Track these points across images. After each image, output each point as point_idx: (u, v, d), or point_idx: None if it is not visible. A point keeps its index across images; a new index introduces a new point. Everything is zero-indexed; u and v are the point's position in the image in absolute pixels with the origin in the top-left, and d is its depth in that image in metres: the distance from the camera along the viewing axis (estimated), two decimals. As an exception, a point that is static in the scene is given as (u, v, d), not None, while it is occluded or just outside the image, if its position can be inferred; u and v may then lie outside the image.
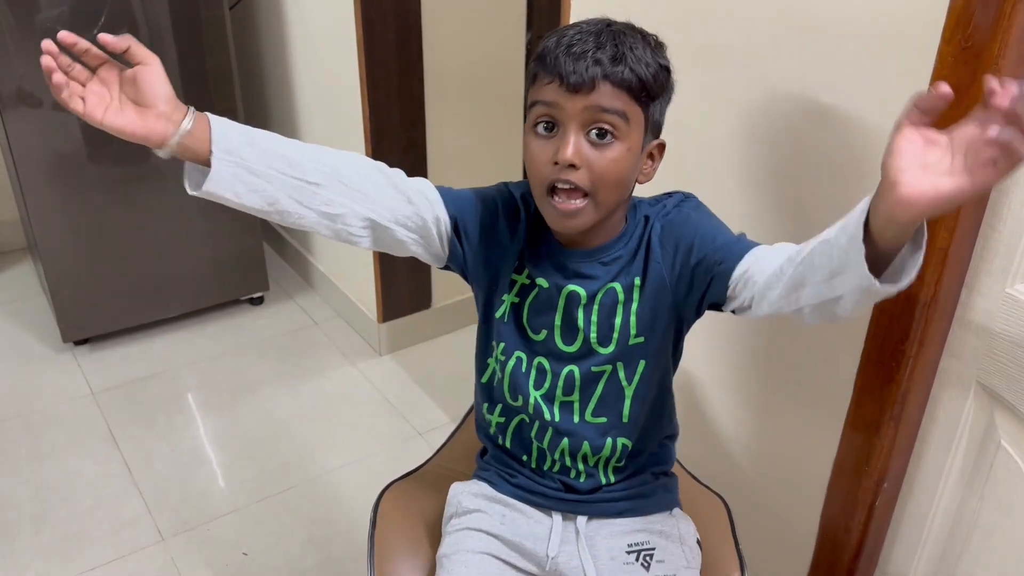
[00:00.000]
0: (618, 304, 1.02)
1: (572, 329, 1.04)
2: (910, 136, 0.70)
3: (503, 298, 1.07)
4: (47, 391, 2.30)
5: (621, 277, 1.02)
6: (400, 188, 0.99)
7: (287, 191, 0.93)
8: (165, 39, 2.23)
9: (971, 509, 1.14)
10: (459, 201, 1.04)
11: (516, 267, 1.06)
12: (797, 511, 1.36)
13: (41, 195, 2.21)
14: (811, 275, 0.84)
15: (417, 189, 1.01)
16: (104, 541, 1.83)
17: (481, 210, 1.04)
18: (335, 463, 2.07)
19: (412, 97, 2.20)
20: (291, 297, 2.79)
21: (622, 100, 0.90)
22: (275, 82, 2.64)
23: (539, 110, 0.92)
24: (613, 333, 1.03)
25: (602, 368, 1.05)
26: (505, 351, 1.08)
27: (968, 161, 0.67)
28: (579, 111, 0.90)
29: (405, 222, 0.99)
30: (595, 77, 0.88)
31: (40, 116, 2.14)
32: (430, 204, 1.01)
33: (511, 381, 1.09)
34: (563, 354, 1.05)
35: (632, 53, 0.90)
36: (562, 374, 1.06)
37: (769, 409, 1.36)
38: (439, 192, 1.03)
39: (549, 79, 0.91)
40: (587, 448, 1.08)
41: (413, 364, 2.45)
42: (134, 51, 0.87)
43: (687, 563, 1.09)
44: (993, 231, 1.02)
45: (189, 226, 2.46)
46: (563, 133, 0.91)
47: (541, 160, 0.93)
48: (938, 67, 0.96)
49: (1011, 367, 1.03)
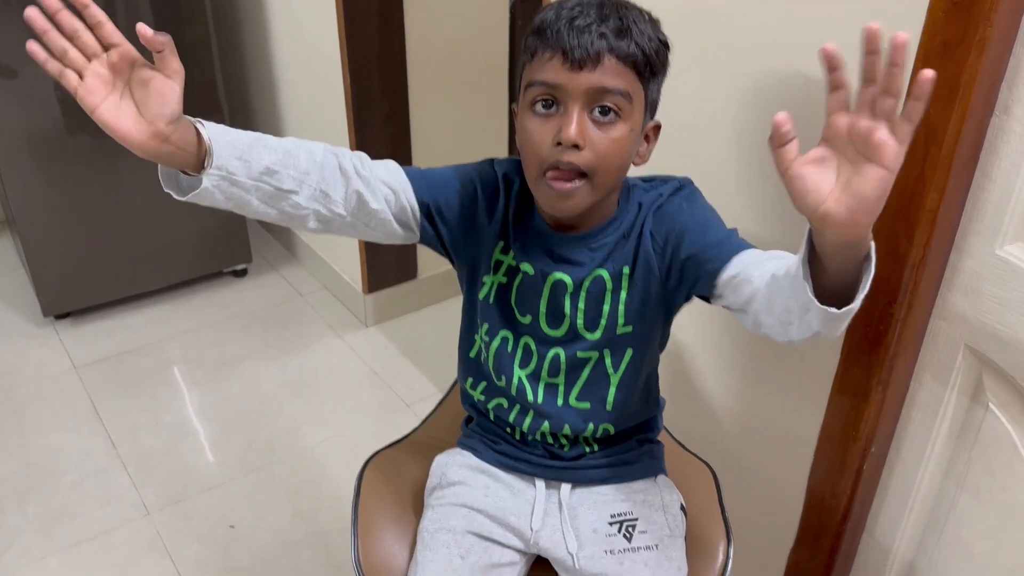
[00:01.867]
0: (606, 292, 1.00)
1: (558, 315, 1.02)
2: (799, 172, 0.68)
3: (484, 280, 1.05)
4: (29, 366, 2.28)
5: (609, 264, 0.99)
6: (358, 181, 0.94)
7: (260, 197, 0.89)
8: (142, 8, 2.18)
9: (959, 472, 1.14)
10: (432, 185, 1.00)
11: (502, 248, 1.03)
12: (785, 476, 1.36)
13: (18, 167, 2.17)
14: (776, 311, 0.82)
15: (378, 177, 0.95)
16: (89, 516, 1.82)
17: (459, 191, 1.01)
18: (322, 435, 2.06)
19: (394, 63, 2.16)
20: (275, 269, 2.76)
21: (626, 77, 0.86)
22: (254, 52, 2.59)
23: (538, 90, 0.87)
24: (601, 319, 1.01)
25: (588, 354, 1.03)
26: (490, 332, 1.07)
27: (865, 148, 0.66)
28: (583, 90, 0.85)
29: (369, 219, 0.96)
30: (600, 51, 0.84)
31: (15, 87, 2.09)
32: (393, 193, 0.96)
33: (496, 361, 1.08)
34: (548, 337, 1.04)
35: (636, 27, 0.86)
36: (548, 356, 1.05)
37: (756, 374, 1.36)
38: (408, 176, 0.99)
39: (550, 54, 0.86)
40: (568, 430, 1.07)
41: (399, 335, 2.44)
42: (166, 58, 0.79)
43: (670, 531, 1.09)
44: (982, 191, 1.01)
45: (170, 198, 2.40)
46: (565, 112, 0.86)
47: (541, 140, 0.88)
48: (928, 23, 0.94)
49: (1000, 329, 1.03)
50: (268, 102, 2.63)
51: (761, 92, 1.18)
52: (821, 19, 1.07)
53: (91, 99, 0.79)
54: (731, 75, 1.21)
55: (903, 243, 1.04)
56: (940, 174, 0.98)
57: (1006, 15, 0.90)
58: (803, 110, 1.13)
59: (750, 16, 1.16)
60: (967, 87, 0.92)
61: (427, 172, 1.02)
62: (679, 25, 1.25)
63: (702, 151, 1.30)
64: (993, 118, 0.97)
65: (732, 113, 1.23)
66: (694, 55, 1.24)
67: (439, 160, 2.35)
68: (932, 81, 0.64)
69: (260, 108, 2.71)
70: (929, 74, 0.63)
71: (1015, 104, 0.95)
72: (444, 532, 1.06)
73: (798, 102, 1.14)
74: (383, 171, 0.97)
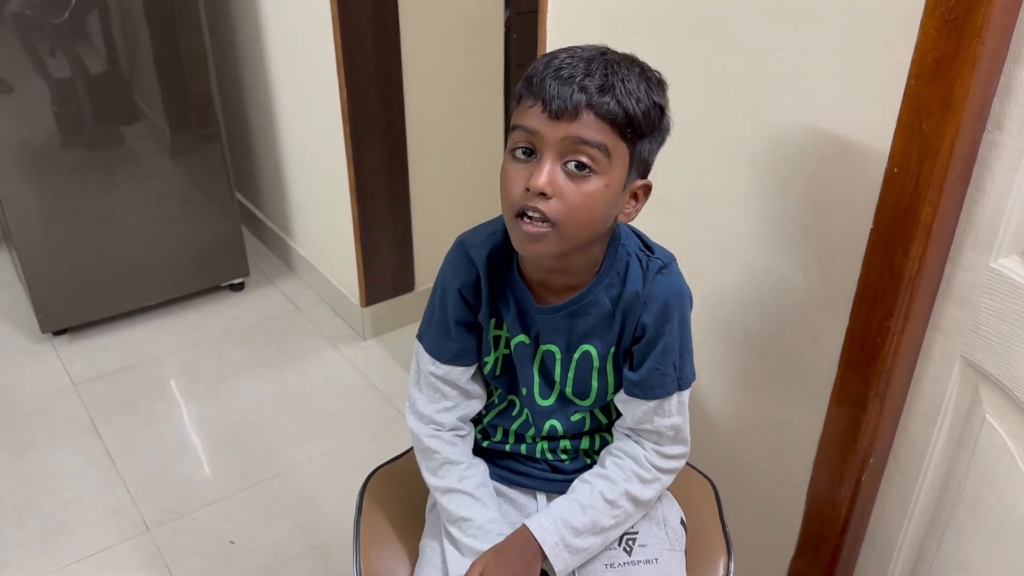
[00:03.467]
0: (593, 370, 1.03)
1: (549, 382, 1.06)
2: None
3: (487, 360, 1.07)
4: (27, 382, 2.27)
5: (596, 340, 1.01)
6: (463, 408, 1.09)
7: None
8: (137, 21, 2.18)
9: (956, 483, 1.14)
10: (447, 342, 1.05)
11: (495, 324, 1.05)
12: (784, 487, 1.36)
13: (14, 183, 2.17)
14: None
15: (459, 391, 1.08)
16: (89, 532, 1.82)
17: (456, 316, 1.04)
18: (320, 449, 2.06)
19: (389, 77, 2.17)
20: (272, 282, 2.76)
21: (604, 133, 0.85)
22: (250, 64, 2.60)
23: (518, 135, 0.88)
24: (590, 392, 1.05)
25: (582, 415, 1.08)
26: (500, 396, 1.12)
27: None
28: (558, 139, 0.85)
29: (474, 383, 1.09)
30: (579, 104, 0.84)
31: (11, 102, 2.09)
32: (463, 373, 1.07)
33: (498, 418, 1.13)
34: (542, 408, 1.07)
35: (623, 85, 0.85)
36: (544, 427, 1.08)
37: (755, 386, 1.36)
38: (443, 354, 1.06)
39: (532, 102, 0.86)
40: (567, 445, 1.11)
41: (397, 348, 2.44)
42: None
43: (670, 545, 1.09)
44: (977, 205, 1.02)
45: (167, 212, 2.43)
46: (540, 160, 0.86)
47: (514, 185, 0.88)
48: (921, 40, 0.95)
49: (995, 341, 1.04)
50: (264, 114, 2.63)
51: (744, 93, 1.19)
52: (815, 37, 1.08)
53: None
54: (713, 76, 1.22)
55: (899, 256, 1.05)
56: (934, 188, 0.99)
57: (997, 33, 0.91)
58: (785, 114, 1.15)
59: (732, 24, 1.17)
60: (960, 103, 0.93)
61: (438, 339, 1.06)
62: (664, 33, 1.26)
63: (684, 151, 1.31)
64: (986, 133, 0.98)
65: (715, 117, 1.24)
66: (679, 59, 1.26)
67: (435, 168, 2.37)
68: None
69: (256, 120, 2.72)
70: None
71: (1007, 119, 0.96)
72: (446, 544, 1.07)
73: (779, 105, 1.15)
74: (458, 396, 1.08)
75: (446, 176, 2.41)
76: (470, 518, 1.04)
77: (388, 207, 2.33)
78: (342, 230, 2.36)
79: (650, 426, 1.03)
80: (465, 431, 1.10)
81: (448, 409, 1.08)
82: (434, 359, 1.06)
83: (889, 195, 1.04)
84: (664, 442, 1.04)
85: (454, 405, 1.08)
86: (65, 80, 2.15)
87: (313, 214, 2.59)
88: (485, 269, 1.01)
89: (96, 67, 2.18)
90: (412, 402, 1.10)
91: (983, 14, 0.89)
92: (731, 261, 1.31)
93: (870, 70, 1.03)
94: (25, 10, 2.03)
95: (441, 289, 1.05)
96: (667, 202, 1.35)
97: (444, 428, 1.08)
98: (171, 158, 2.38)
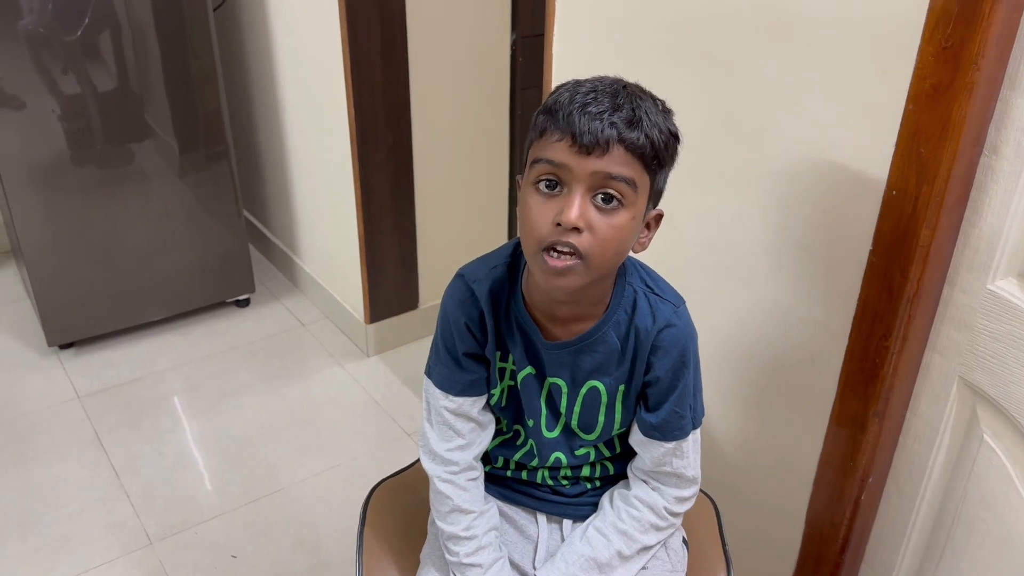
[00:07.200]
0: (601, 405, 1.04)
1: (555, 413, 1.06)
2: None
3: (494, 392, 1.07)
4: (32, 395, 2.29)
5: (604, 377, 1.02)
6: (476, 446, 1.08)
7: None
8: (148, 40, 2.22)
9: (954, 502, 1.15)
10: (456, 373, 1.05)
11: (500, 356, 1.05)
12: (784, 506, 1.37)
13: (24, 198, 2.20)
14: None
15: (472, 423, 1.07)
16: (92, 546, 1.82)
17: (460, 343, 1.04)
18: (323, 465, 2.07)
19: (397, 97, 2.19)
20: (277, 299, 2.78)
21: (632, 167, 0.85)
22: (259, 83, 2.63)
23: (543, 168, 0.86)
24: (596, 427, 1.06)
25: (586, 449, 1.08)
26: (507, 426, 1.12)
27: None
28: (588, 174, 0.84)
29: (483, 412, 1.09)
30: (610, 139, 0.83)
31: (22, 118, 2.12)
32: (475, 403, 1.06)
33: (501, 449, 1.13)
34: (548, 440, 1.08)
35: (648, 118, 0.85)
36: (550, 459, 1.09)
37: (755, 405, 1.37)
38: (454, 387, 1.05)
39: (559, 136, 0.85)
40: (568, 472, 1.11)
41: (401, 365, 2.45)
42: None
43: (671, 567, 1.10)
44: (974, 228, 1.04)
45: (174, 228, 2.45)
46: (568, 194, 0.85)
47: (541, 219, 0.86)
48: (919, 67, 0.97)
49: (993, 362, 1.05)
50: (272, 133, 2.66)
51: (745, 117, 1.21)
52: (815, 63, 1.10)
53: None
54: (715, 102, 1.24)
55: (898, 278, 1.07)
56: (932, 211, 1.01)
57: (993, 60, 0.93)
58: (785, 137, 1.16)
59: (732, 49, 1.19)
60: (957, 128, 0.95)
61: (446, 373, 1.06)
62: (668, 58, 1.28)
63: (690, 170, 1.32)
64: (982, 158, 1.00)
65: (717, 139, 1.26)
66: (683, 82, 1.27)
67: (440, 187, 2.39)
68: None
69: (265, 139, 2.74)
70: None
71: (1003, 144, 0.98)
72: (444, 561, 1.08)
73: (779, 129, 1.16)
74: (471, 430, 1.08)
75: (451, 196, 2.43)
76: (479, 564, 1.04)
77: (393, 226, 2.35)
78: (348, 248, 2.39)
79: (669, 468, 1.04)
80: (477, 473, 1.09)
81: (461, 448, 1.07)
82: (445, 393, 1.06)
83: (888, 218, 1.06)
84: (683, 485, 1.05)
85: (467, 443, 1.07)
86: (76, 97, 2.18)
87: (319, 232, 2.61)
88: (488, 305, 1.01)
89: (107, 85, 2.21)
90: (425, 441, 1.09)
91: (979, 42, 0.91)
92: (732, 282, 1.33)
93: (869, 96, 1.05)
94: (38, 28, 2.06)
95: (445, 323, 1.05)
96: (669, 225, 1.37)
97: (459, 468, 1.07)
98: (180, 176, 2.41)
